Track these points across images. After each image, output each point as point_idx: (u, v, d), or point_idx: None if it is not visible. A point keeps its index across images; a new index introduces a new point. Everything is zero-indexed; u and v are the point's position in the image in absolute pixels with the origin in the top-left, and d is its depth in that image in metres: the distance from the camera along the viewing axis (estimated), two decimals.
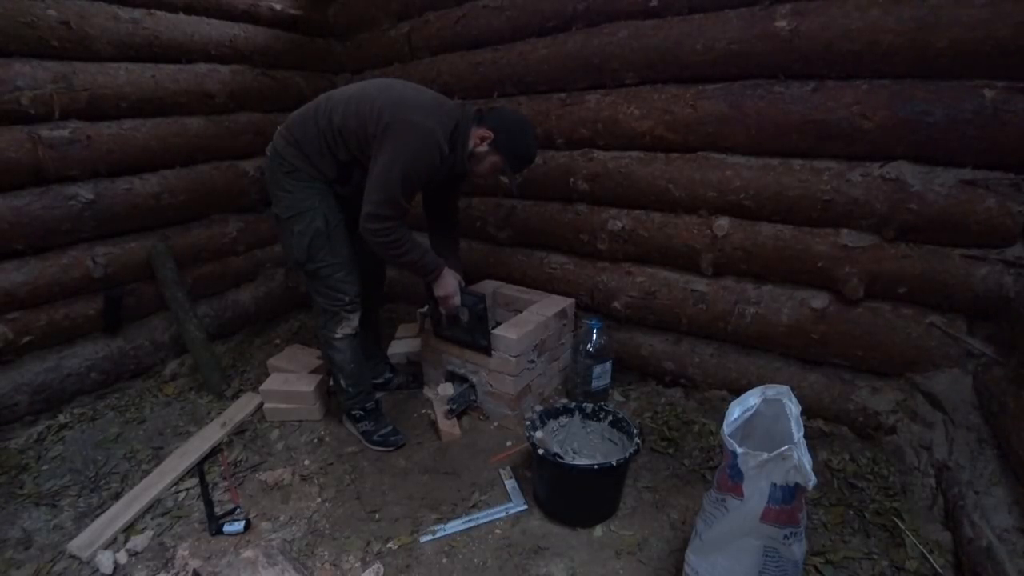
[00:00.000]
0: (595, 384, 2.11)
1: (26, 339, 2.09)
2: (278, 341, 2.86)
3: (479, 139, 1.74)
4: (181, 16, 2.45)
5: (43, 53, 2.03)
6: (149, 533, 1.61)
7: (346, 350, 1.92)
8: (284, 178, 1.75)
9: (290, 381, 2.22)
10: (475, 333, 2.02)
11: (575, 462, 1.68)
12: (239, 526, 1.61)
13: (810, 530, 1.48)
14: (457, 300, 1.94)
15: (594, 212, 2.27)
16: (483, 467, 1.86)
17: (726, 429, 1.18)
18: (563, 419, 1.79)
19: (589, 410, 1.77)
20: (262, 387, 2.22)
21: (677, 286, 2.11)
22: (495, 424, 2.10)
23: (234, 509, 1.70)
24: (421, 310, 2.19)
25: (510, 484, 1.75)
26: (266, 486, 1.80)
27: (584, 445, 1.78)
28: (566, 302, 2.28)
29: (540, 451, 1.53)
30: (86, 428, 2.11)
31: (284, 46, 2.92)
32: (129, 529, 1.63)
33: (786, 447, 1.04)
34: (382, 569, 1.44)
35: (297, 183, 1.75)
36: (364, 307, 1.95)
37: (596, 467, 1.49)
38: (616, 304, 2.25)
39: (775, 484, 1.07)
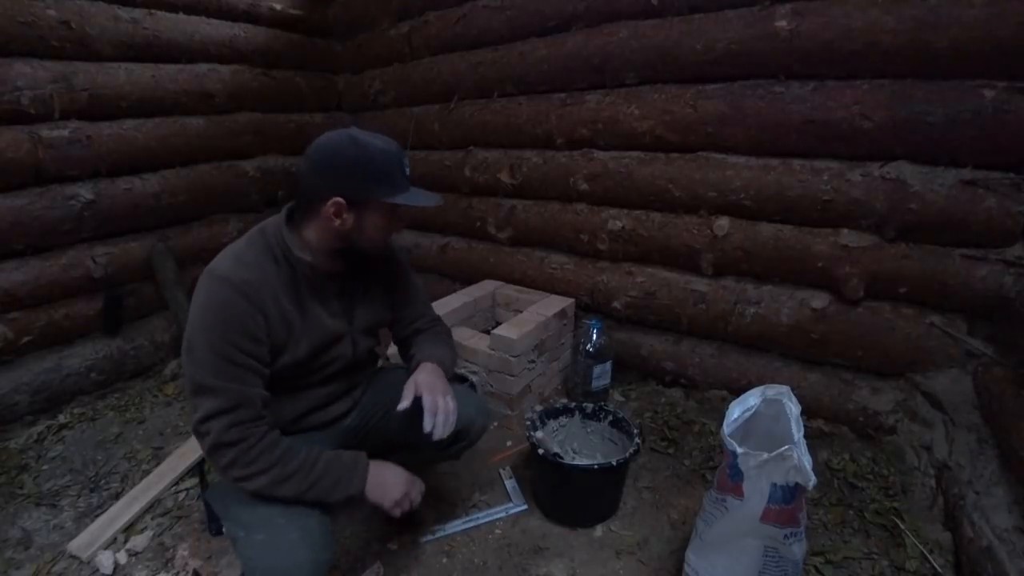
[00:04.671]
0: (595, 384, 2.11)
1: (26, 339, 2.09)
2: None
3: (331, 217, 1.08)
4: (181, 16, 2.45)
5: (43, 53, 2.03)
6: (149, 533, 1.61)
7: None
8: None
9: None
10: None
11: (575, 462, 1.67)
12: None
13: (810, 530, 1.48)
14: (414, 497, 1.22)
15: (594, 212, 2.26)
16: (483, 467, 1.86)
17: (726, 429, 1.17)
18: (563, 419, 1.79)
19: (589, 410, 1.77)
20: None
21: (677, 286, 2.11)
22: (495, 424, 2.10)
23: None
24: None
25: (510, 484, 1.75)
26: None
27: (584, 445, 1.78)
28: (566, 302, 2.28)
29: (540, 451, 1.53)
30: (86, 428, 2.11)
31: (284, 46, 2.92)
32: (129, 529, 1.62)
33: (786, 447, 1.04)
34: (382, 569, 1.44)
35: None
36: None
37: (596, 467, 1.48)
38: (616, 304, 2.25)
39: (775, 484, 1.07)
